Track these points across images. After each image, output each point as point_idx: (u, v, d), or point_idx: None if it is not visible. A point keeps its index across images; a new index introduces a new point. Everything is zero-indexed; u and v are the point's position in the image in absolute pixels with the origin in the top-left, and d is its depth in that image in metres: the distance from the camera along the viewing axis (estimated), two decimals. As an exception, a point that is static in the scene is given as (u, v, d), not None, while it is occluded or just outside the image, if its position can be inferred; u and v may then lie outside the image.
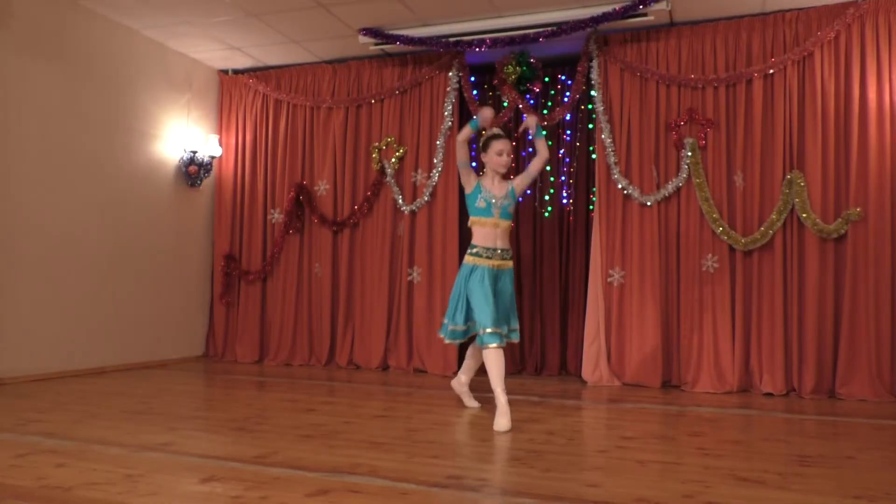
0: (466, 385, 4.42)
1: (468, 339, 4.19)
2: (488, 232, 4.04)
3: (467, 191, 4.14)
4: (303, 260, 6.62)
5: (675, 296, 5.43)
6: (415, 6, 5.46)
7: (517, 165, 6.01)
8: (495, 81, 6.04)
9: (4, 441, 3.19)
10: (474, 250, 4.04)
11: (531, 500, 2.40)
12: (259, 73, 6.89)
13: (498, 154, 4.06)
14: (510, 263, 4.12)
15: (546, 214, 6.15)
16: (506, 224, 4.09)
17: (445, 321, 4.12)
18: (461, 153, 4.10)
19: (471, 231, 4.12)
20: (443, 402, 4.52)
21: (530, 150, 6.05)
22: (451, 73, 6.09)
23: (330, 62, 6.64)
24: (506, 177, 4.22)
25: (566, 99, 5.91)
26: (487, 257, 4.01)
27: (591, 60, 5.69)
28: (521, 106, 5.86)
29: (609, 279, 5.55)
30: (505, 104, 6.02)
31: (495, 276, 4.02)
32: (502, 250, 4.06)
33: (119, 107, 5.91)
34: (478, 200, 4.05)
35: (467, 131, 4.07)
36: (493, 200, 4.04)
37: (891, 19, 5.00)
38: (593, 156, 5.89)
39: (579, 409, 4.45)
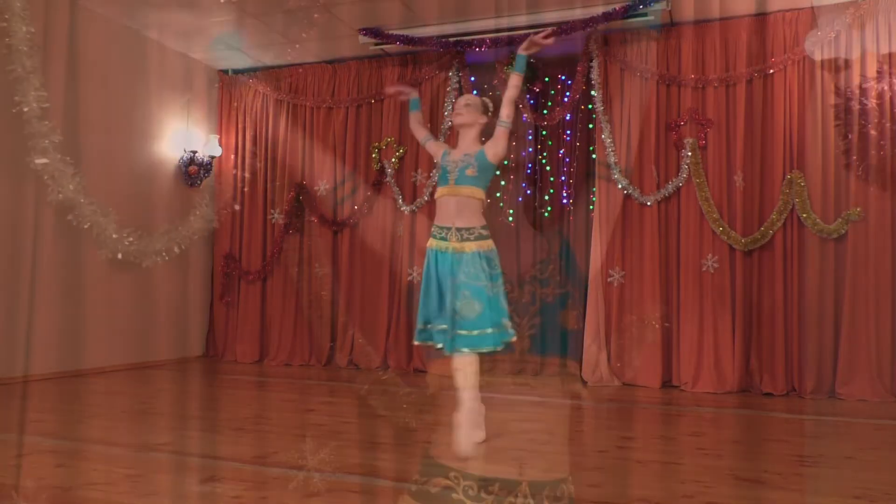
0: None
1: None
2: (444, 205, 3.30)
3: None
4: (303, 260, 6.62)
5: (675, 296, 5.43)
6: (415, 6, 5.46)
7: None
8: (495, 81, 6.04)
9: (4, 441, 3.18)
10: (433, 230, 3.36)
11: (531, 500, 2.40)
12: (259, 73, 6.89)
13: (461, 104, 3.40)
14: (475, 246, 3.23)
15: (546, 214, 6.14)
16: (467, 192, 3.25)
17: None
18: (419, 134, 3.64)
19: None
20: (443, 403, 4.51)
21: (530, 149, 6.04)
22: (451, 73, 6.08)
23: (330, 62, 6.63)
24: (480, 142, 3.44)
25: (566, 99, 5.90)
26: (441, 238, 3.27)
27: (591, 60, 5.69)
28: (521, 106, 5.86)
29: (609, 279, 5.55)
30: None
31: (448, 262, 3.23)
32: (459, 229, 3.23)
33: (119, 107, 5.91)
34: (440, 170, 3.41)
35: (415, 114, 3.67)
36: (449, 165, 3.32)
37: (891, 19, 5.00)
38: (593, 156, 5.89)
39: (579, 409, 4.44)
